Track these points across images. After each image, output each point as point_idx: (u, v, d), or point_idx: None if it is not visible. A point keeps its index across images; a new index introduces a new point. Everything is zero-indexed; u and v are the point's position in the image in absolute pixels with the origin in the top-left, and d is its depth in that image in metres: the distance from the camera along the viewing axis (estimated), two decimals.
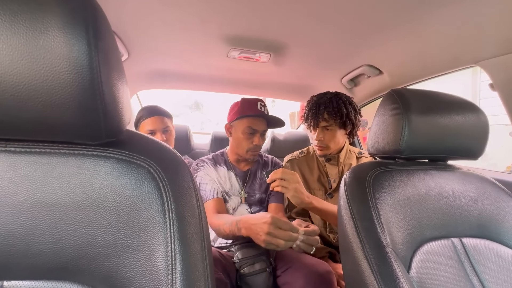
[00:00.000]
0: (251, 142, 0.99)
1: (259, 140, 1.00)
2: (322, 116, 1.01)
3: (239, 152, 1.03)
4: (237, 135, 1.01)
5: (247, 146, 0.99)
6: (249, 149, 1.00)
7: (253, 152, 1.01)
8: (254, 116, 0.98)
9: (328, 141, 1.04)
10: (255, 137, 1.00)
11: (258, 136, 1.00)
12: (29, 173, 0.31)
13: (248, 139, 0.99)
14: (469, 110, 0.60)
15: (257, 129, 0.99)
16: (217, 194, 0.97)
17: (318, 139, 1.05)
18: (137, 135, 0.40)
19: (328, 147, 1.04)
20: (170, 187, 0.35)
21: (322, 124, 1.03)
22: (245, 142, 0.99)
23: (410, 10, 0.74)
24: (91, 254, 0.32)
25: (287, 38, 0.97)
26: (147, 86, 1.49)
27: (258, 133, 1.00)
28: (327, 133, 1.03)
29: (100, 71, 0.28)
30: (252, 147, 1.00)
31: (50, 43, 0.26)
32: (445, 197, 0.58)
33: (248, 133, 0.98)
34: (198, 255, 0.34)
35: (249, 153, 1.01)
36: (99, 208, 0.32)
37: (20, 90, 0.26)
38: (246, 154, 1.01)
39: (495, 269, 0.54)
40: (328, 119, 1.01)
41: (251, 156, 1.02)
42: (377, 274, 0.46)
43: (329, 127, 1.03)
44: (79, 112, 0.28)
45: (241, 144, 1.00)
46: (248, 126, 0.98)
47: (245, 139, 0.99)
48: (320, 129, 1.04)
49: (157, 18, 0.85)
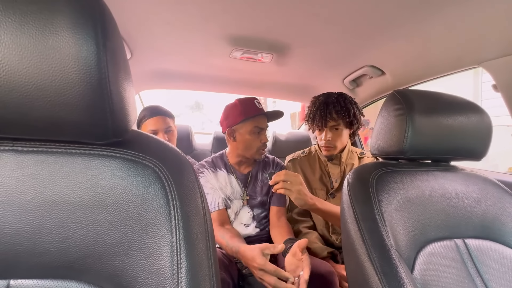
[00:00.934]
0: (260, 141, 1.01)
1: (266, 138, 1.03)
2: (331, 116, 1.01)
3: (248, 154, 1.02)
4: (243, 138, 1.00)
5: (256, 146, 1.00)
6: (259, 148, 1.01)
7: (262, 150, 1.03)
8: (258, 115, 0.99)
9: (335, 141, 1.04)
10: (262, 135, 1.02)
11: (264, 133, 1.03)
12: (36, 172, 0.31)
13: (256, 139, 1.00)
14: (473, 111, 0.60)
15: (263, 127, 1.01)
16: (218, 205, 0.98)
17: (326, 139, 1.04)
18: (142, 135, 0.40)
19: (335, 147, 1.05)
20: (175, 186, 0.35)
21: (330, 123, 1.03)
22: (255, 142, 1.00)
23: (413, 10, 0.74)
24: (97, 253, 0.32)
25: (289, 39, 0.97)
26: (150, 86, 1.50)
27: (264, 130, 1.02)
28: (335, 133, 1.04)
29: (108, 70, 0.28)
30: (261, 146, 1.01)
31: (59, 43, 0.26)
32: (448, 198, 0.58)
33: (256, 133, 1.00)
34: (204, 254, 0.35)
35: (259, 152, 1.02)
36: (105, 208, 0.32)
37: (29, 89, 0.26)
38: (256, 154, 1.02)
39: (498, 270, 0.53)
40: (337, 118, 1.01)
41: (261, 154, 1.04)
42: (381, 274, 0.46)
43: (337, 126, 1.03)
44: (87, 112, 0.29)
45: (251, 145, 1.00)
46: (255, 126, 0.99)
47: (254, 140, 1.00)
48: (328, 129, 1.04)
49: (160, 18, 0.85)
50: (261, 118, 1.01)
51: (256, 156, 1.02)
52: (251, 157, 1.03)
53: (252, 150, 1.01)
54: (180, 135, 1.34)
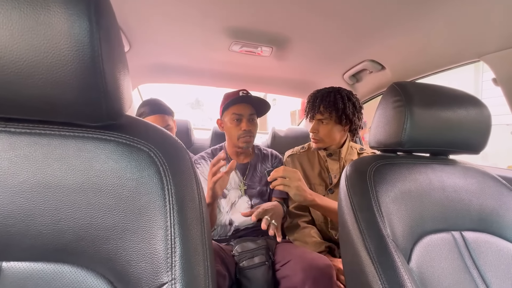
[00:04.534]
0: (240, 128, 1.02)
1: (246, 125, 1.02)
2: (318, 109, 1.02)
3: (233, 142, 1.06)
4: (227, 126, 1.05)
5: (236, 133, 1.02)
6: (239, 135, 1.02)
7: (244, 138, 1.03)
8: (236, 102, 1.01)
9: (322, 135, 1.04)
10: (242, 123, 1.02)
11: (245, 121, 1.02)
12: (29, 154, 0.31)
13: (236, 126, 1.02)
14: (472, 103, 0.59)
15: (242, 114, 1.02)
16: None
17: (312, 131, 1.06)
18: (137, 120, 0.40)
19: (322, 140, 1.04)
20: (170, 171, 0.35)
21: (317, 117, 1.04)
22: (234, 130, 1.03)
23: (414, 5, 0.73)
24: (90, 236, 0.32)
25: (289, 32, 0.96)
26: (149, 80, 1.49)
27: (244, 117, 1.02)
28: (322, 126, 1.04)
29: (101, 48, 0.28)
30: (241, 133, 1.02)
31: (51, 18, 0.26)
32: (446, 191, 0.58)
33: (235, 120, 1.02)
34: (198, 239, 0.34)
35: (240, 140, 1.03)
36: (99, 191, 0.32)
37: (20, 66, 0.26)
38: (238, 142, 1.03)
39: (495, 263, 0.53)
40: (323, 112, 1.02)
41: (244, 143, 1.03)
42: (377, 264, 0.46)
43: (324, 120, 1.03)
44: (79, 90, 0.28)
45: (231, 132, 1.03)
46: (233, 113, 1.01)
47: (233, 127, 1.03)
48: (315, 122, 1.05)
49: (159, 10, 0.84)
50: (241, 106, 1.02)
51: (240, 144, 1.03)
52: (236, 146, 1.05)
53: (234, 138, 1.03)
54: (179, 129, 1.34)
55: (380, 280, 0.44)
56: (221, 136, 1.66)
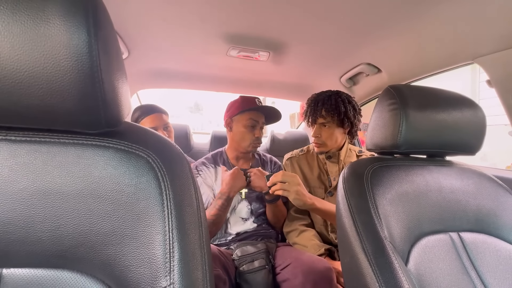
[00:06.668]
0: (253, 134, 1.06)
1: (259, 133, 1.07)
2: (320, 113, 1.02)
3: (241, 146, 1.08)
4: (238, 129, 1.07)
5: (249, 139, 1.06)
6: (252, 141, 1.06)
7: (254, 144, 1.07)
8: (254, 109, 1.06)
9: (325, 138, 1.04)
10: (256, 130, 1.07)
11: (259, 129, 1.08)
12: (29, 162, 0.32)
13: (250, 132, 1.06)
14: (467, 105, 0.60)
15: (258, 121, 1.06)
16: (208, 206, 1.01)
17: (315, 136, 1.06)
18: (136, 126, 0.41)
19: (325, 144, 1.05)
20: (168, 177, 0.35)
21: (319, 120, 1.04)
22: (248, 135, 1.06)
23: (408, 7, 0.75)
24: (89, 242, 0.32)
25: (286, 36, 0.98)
26: (147, 85, 1.50)
27: (258, 125, 1.07)
28: (325, 130, 1.04)
29: (100, 58, 0.28)
30: (254, 139, 1.06)
31: (51, 30, 0.26)
32: (443, 192, 0.58)
33: (250, 126, 1.05)
34: (196, 244, 0.35)
35: (251, 145, 1.07)
36: (98, 197, 0.33)
37: (21, 77, 0.27)
38: (248, 147, 1.07)
39: (493, 263, 0.54)
40: (326, 116, 1.02)
41: (253, 148, 1.08)
42: (375, 265, 0.46)
43: (326, 124, 1.03)
44: (79, 99, 0.29)
45: (244, 137, 1.06)
46: (250, 118, 1.05)
47: (247, 132, 1.06)
48: (317, 126, 1.05)
49: (157, 16, 0.85)
50: (258, 114, 1.07)
51: (249, 149, 1.07)
52: (245, 150, 1.08)
53: (246, 143, 1.06)
54: (178, 134, 1.34)
55: (378, 282, 0.44)
56: (220, 140, 1.67)
